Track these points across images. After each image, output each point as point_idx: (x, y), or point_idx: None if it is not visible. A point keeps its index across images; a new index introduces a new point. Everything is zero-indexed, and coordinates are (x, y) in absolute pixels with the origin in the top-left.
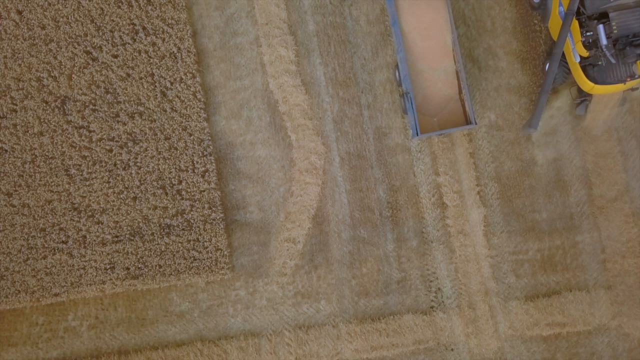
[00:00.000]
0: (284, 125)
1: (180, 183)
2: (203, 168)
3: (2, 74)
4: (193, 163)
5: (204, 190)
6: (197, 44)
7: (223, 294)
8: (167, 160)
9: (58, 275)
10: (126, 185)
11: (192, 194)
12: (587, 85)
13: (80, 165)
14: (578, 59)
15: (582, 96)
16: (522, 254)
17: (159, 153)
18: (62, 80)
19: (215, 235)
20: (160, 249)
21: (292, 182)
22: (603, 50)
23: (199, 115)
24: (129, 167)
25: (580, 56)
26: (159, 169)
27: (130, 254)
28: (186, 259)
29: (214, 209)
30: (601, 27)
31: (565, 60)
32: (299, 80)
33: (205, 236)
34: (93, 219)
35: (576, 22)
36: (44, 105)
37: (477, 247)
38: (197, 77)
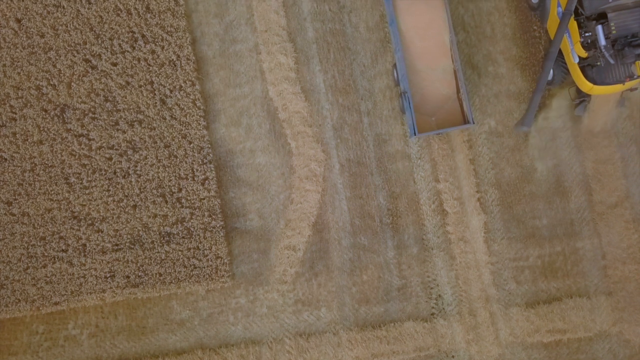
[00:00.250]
0: (284, 133)
1: (180, 191)
2: (203, 176)
3: (1, 82)
4: (193, 171)
5: (203, 198)
6: (196, 51)
7: (223, 302)
8: (167, 168)
9: (58, 284)
10: (126, 194)
11: (192, 201)
12: (586, 86)
13: (80, 174)
14: (577, 60)
15: (581, 97)
16: (522, 260)
17: (159, 161)
18: (61, 89)
19: (216, 243)
20: (160, 257)
21: (292, 190)
22: (602, 50)
23: (199, 123)
24: (129, 175)
25: (579, 57)
26: (158, 177)
27: (130, 262)
28: (186, 267)
29: (214, 216)
30: (600, 27)
31: (564, 60)
32: (299, 88)
33: (205, 244)
34: (93, 228)
35: (575, 23)
36: (44, 113)
37: (477, 254)
38: (197, 84)
